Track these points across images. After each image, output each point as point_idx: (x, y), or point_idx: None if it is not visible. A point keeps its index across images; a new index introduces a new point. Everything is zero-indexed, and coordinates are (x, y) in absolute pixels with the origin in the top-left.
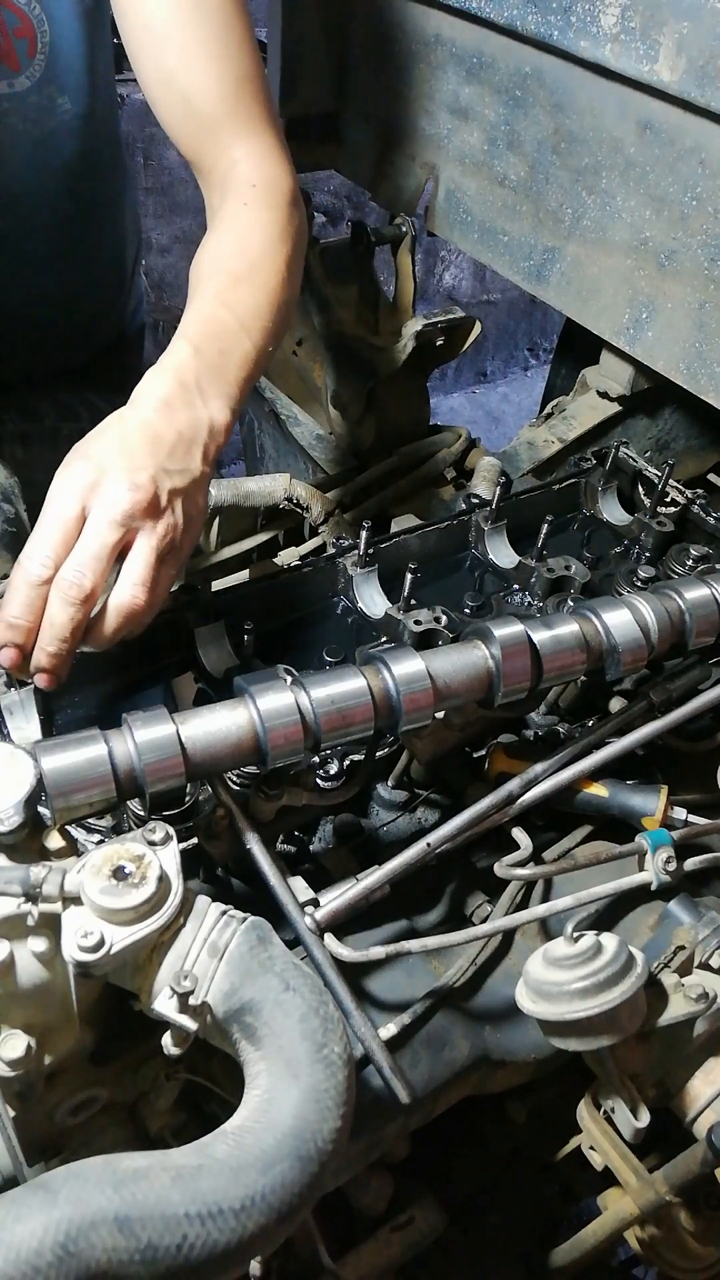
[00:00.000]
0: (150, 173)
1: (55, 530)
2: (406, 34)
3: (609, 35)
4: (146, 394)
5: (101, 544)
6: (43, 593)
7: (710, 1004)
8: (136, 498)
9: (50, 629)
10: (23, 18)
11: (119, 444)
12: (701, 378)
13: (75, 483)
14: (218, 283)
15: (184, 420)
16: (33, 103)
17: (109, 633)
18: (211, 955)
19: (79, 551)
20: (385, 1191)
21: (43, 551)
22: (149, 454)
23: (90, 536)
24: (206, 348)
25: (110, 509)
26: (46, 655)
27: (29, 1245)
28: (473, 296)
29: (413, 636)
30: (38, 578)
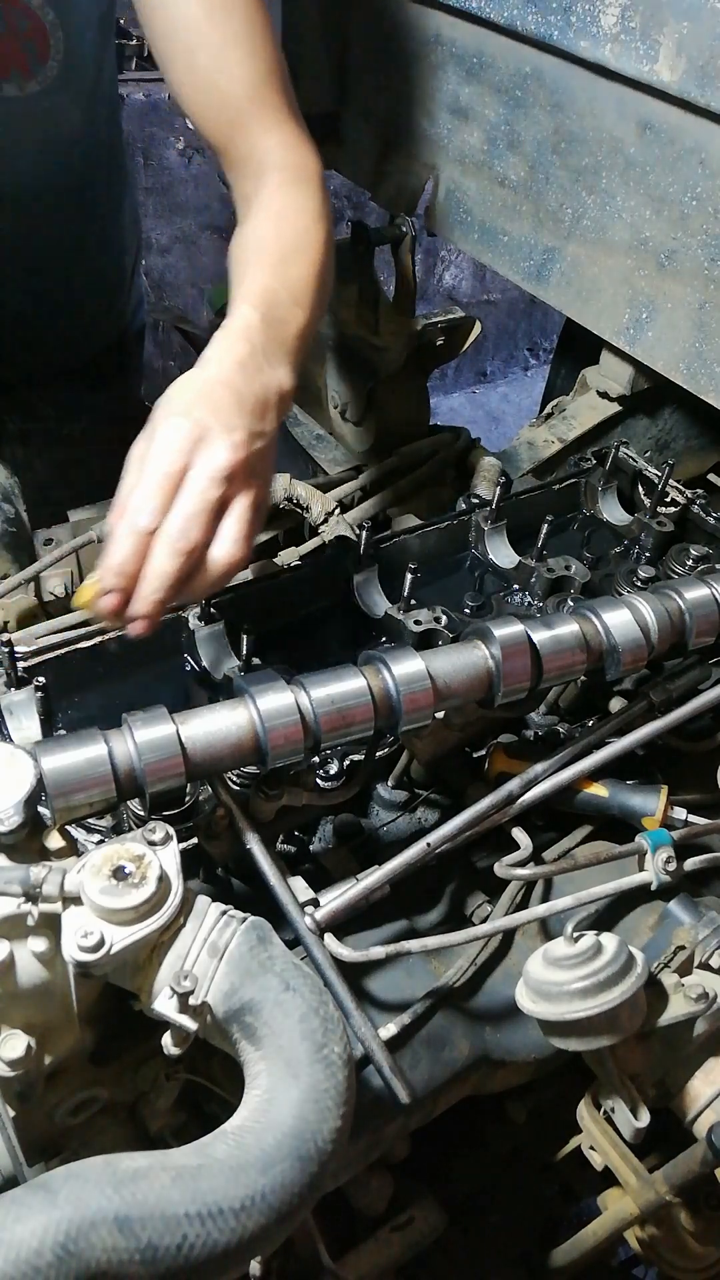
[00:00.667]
0: (150, 173)
1: (161, 483)
2: (406, 34)
3: (609, 35)
4: (222, 356)
5: (206, 500)
6: (147, 542)
7: (710, 1004)
8: (236, 456)
9: (154, 579)
10: (35, 22)
11: (212, 402)
12: (701, 378)
13: (179, 439)
14: (267, 259)
15: (258, 383)
16: (43, 108)
17: (208, 586)
18: (211, 955)
19: (185, 505)
20: (385, 1191)
21: (150, 503)
22: (238, 414)
23: (196, 492)
24: (268, 315)
25: (214, 466)
26: (147, 603)
27: (29, 1245)
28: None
29: (413, 636)
30: (144, 528)
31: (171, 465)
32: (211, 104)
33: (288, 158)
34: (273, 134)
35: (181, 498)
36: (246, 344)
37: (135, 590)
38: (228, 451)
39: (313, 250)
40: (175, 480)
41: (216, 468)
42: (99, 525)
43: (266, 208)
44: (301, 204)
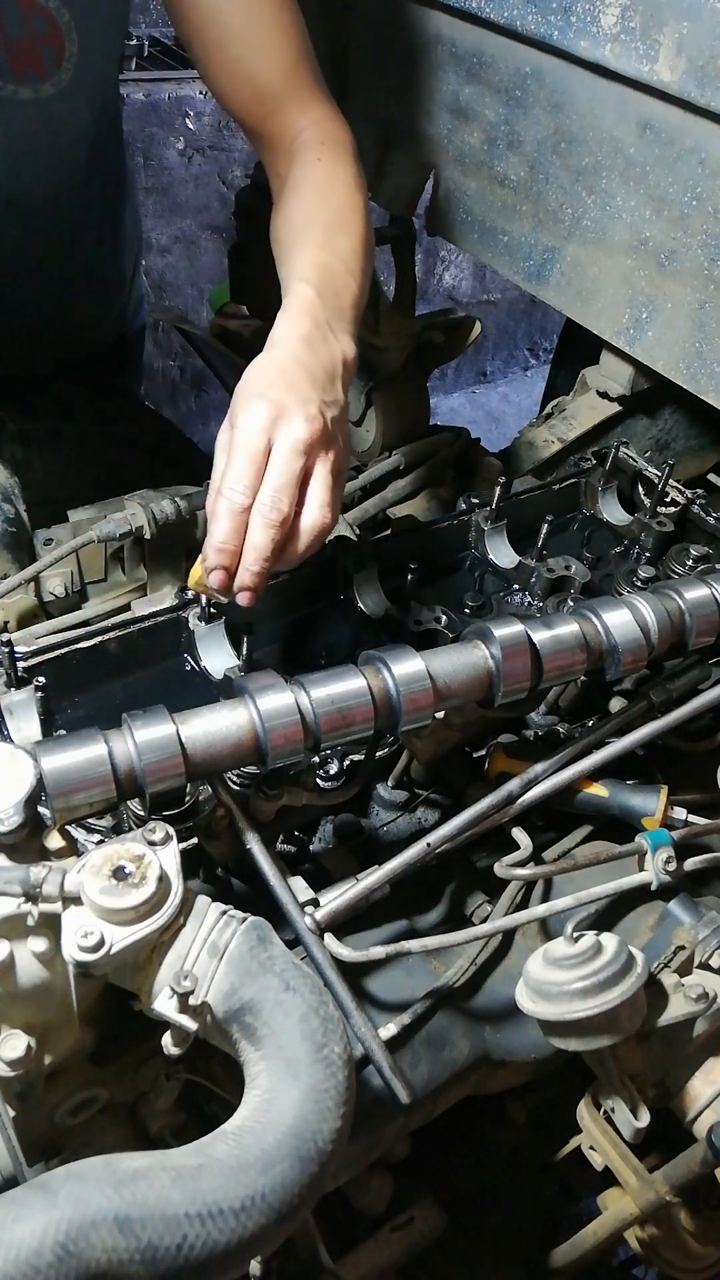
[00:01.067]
0: (150, 173)
1: (249, 463)
2: (406, 34)
3: (609, 35)
4: (288, 334)
5: (290, 472)
6: (244, 519)
7: (710, 1004)
8: (313, 428)
9: (254, 550)
10: (52, 25)
11: (285, 381)
12: (701, 378)
13: (259, 419)
14: (315, 233)
15: (325, 355)
16: (55, 110)
17: (302, 550)
18: (211, 955)
19: (272, 480)
20: (385, 1191)
21: (242, 482)
22: (310, 387)
23: (280, 466)
24: (325, 289)
25: (294, 440)
26: (251, 575)
27: (29, 1245)
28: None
29: (413, 636)
30: (240, 505)
31: (256, 444)
32: (248, 91)
33: (323, 133)
34: (307, 113)
35: (269, 473)
36: (309, 320)
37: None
38: (304, 424)
39: (356, 220)
40: (261, 458)
41: (296, 440)
42: (99, 525)
43: (308, 183)
44: (341, 176)
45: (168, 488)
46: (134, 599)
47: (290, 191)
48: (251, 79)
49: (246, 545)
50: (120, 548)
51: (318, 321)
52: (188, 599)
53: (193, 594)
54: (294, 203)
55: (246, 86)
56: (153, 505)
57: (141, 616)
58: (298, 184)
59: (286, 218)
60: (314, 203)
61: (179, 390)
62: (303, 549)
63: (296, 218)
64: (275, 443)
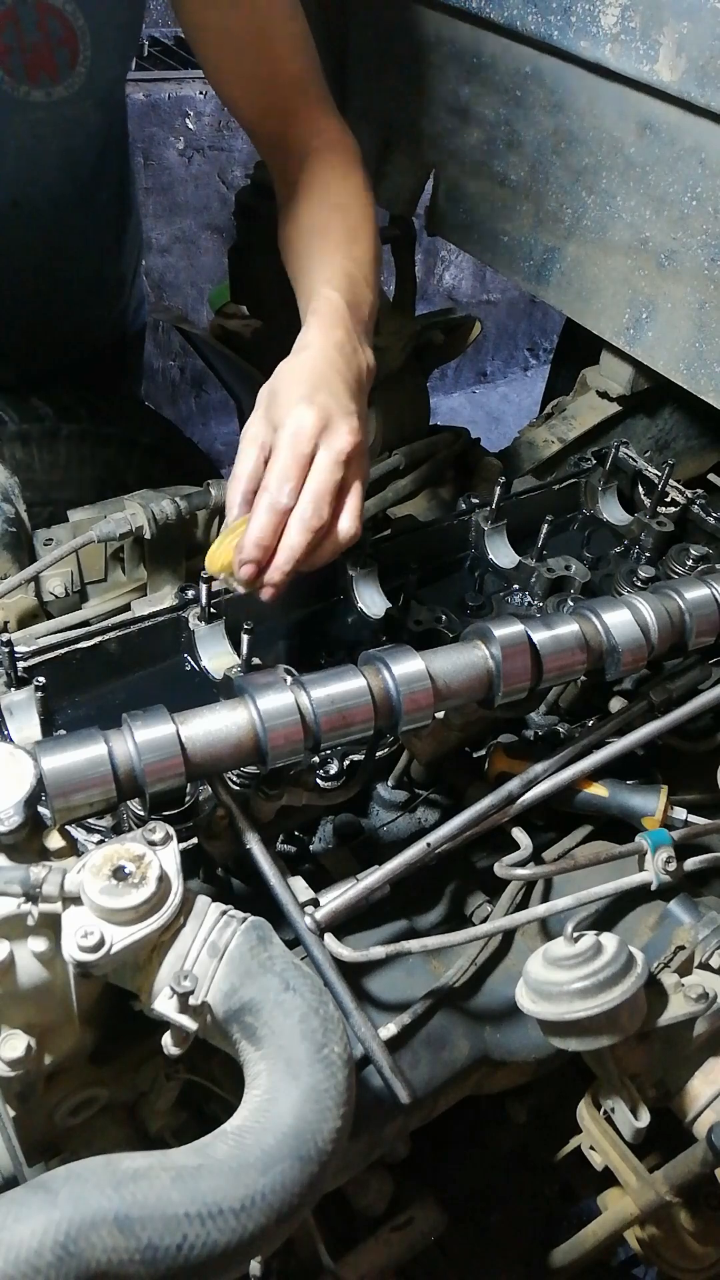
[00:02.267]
0: (150, 173)
1: (297, 465)
2: (406, 34)
3: (609, 35)
4: (323, 340)
5: (333, 481)
6: (284, 520)
7: (710, 1004)
8: (355, 440)
9: (288, 551)
10: (67, 29)
11: (328, 388)
12: (701, 378)
13: (309, 424)
14: (335, 241)
15: (355, 364)
16: (67, 113)
17: (326, 557)
18: (211, 955)
19: (316, 487)
20: (385, 1191)
21: (288, 484)
22: (350, 398)
23: (324, 474)
24: (350, 298)
25: (338, 451)
26: (280, 574)
27: (29, 1245)
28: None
29: (413, 636)
30: (284, 506)
31: (304, 449)
32: (261, 102)
33: (333, 143)
34: (317, 122)
35: (313, 480)
36: (341, 328)
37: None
38: (349, 436)
39: (368, 230)
40: (307, 462)
41: (340, 451)
42: (99, 525)
43: (321, 192)
44: (353, 187)
45: (168, 488)
46: (134, 599)
47: (303, 198)
48: (264, 92)
49: (282, 545)
50: (120, 548)
51: (348, 330)
52: (188, 599)
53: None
54: (308, 210)
55: (259, 99)
56: (153, 505)
57: (141, 616)
58: (311, 192)
59: (300, 224)
60: (329, 211)
61: (179, 390)
62: (328, 556)
63: (311, 224)
64: (320, 450)
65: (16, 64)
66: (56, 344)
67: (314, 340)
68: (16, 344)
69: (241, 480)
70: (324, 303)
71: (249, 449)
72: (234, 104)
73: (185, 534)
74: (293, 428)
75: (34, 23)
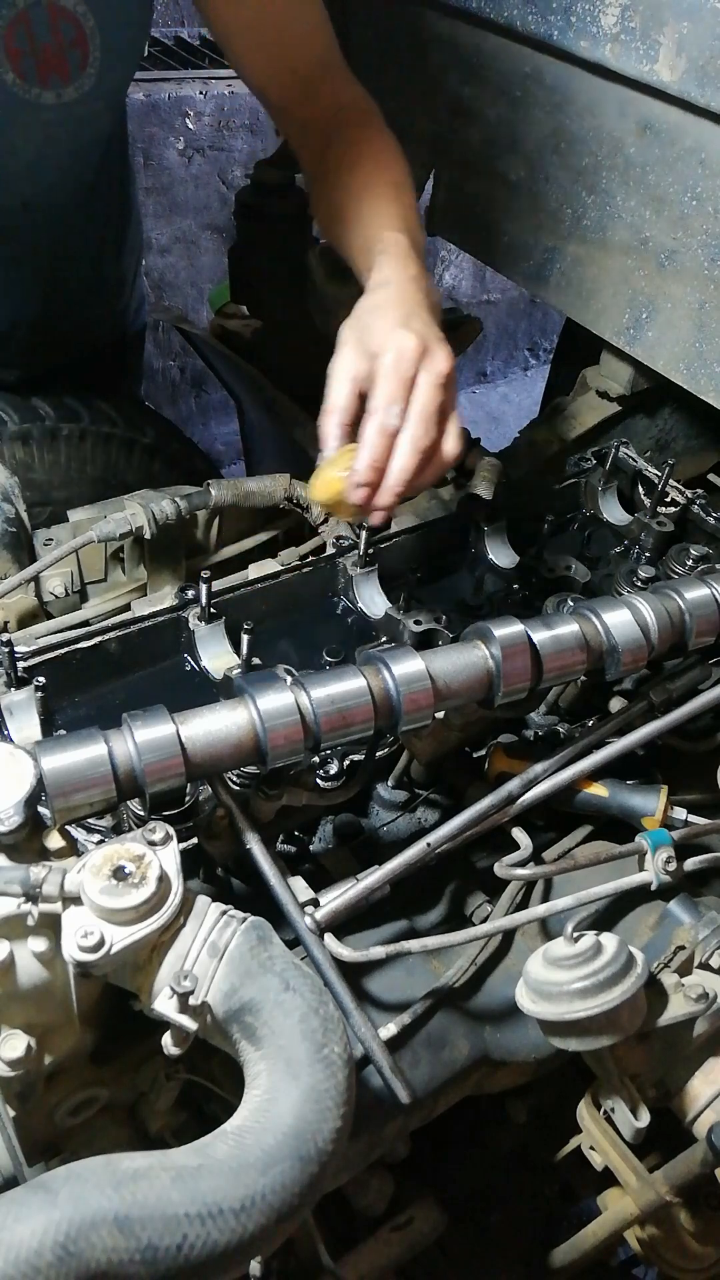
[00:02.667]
0: (150, 173)
1: (403, 388)
2: (406, 34)
3: (609, 35)
4: (400, 275)
5: (436, 403)
6: (393, 441)
7: (710, 1004)
8: (451, 364)
9: (400, 472)
10: (78, 31)
11: (420, 316)
12: (701, 378)
13: (411, 349)
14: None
15: (432, 298)
16: (76, 115)
17: (432, 477)
18: (211, 955)
19: (422, 407)
20: (385, 1191)
21: (396, 405)
22: (436, 324)
23: (428, 396)
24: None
25: (438, 374)
26: (391, 495)
27: (29, 1245)
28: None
29: (413, 636)
30: (394, 427)
31: (407, 373)
32: (289, 81)
33: (360, 110)
34: (342, 94)
35: (417, 401)
36: (415, 263)
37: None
38: (446, 359)
39: (409, 180)
40: (410, 386)
41: (440, 374)
42: (99, 525)
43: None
44: (386, 146)
45: (168, 488)
46: (134, 599)
47: (341, 165)
48: (293, 68)
49: (392, 466)
50: (120, 548)
51: (420, 266)
52: (188, 599)
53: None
54: (349, 174)
55: (287, 74)
56: (153, 505)
57: (141, 616)
58: (348, 158)
59: (344, 188)
60: (371, 168)
61: (179, 390)
62: (433, 476)
63: (355, 183)
64: (421, 373)
65: (29, 66)
66: (58, 344)
67: (392, 275)
68: (20, 344)
69: (335, 413)
70: (392, 243)
71: (342, 382)
72: (262, 91)
73: (185, 534)
74: (395, 353)
75: (46, 25)
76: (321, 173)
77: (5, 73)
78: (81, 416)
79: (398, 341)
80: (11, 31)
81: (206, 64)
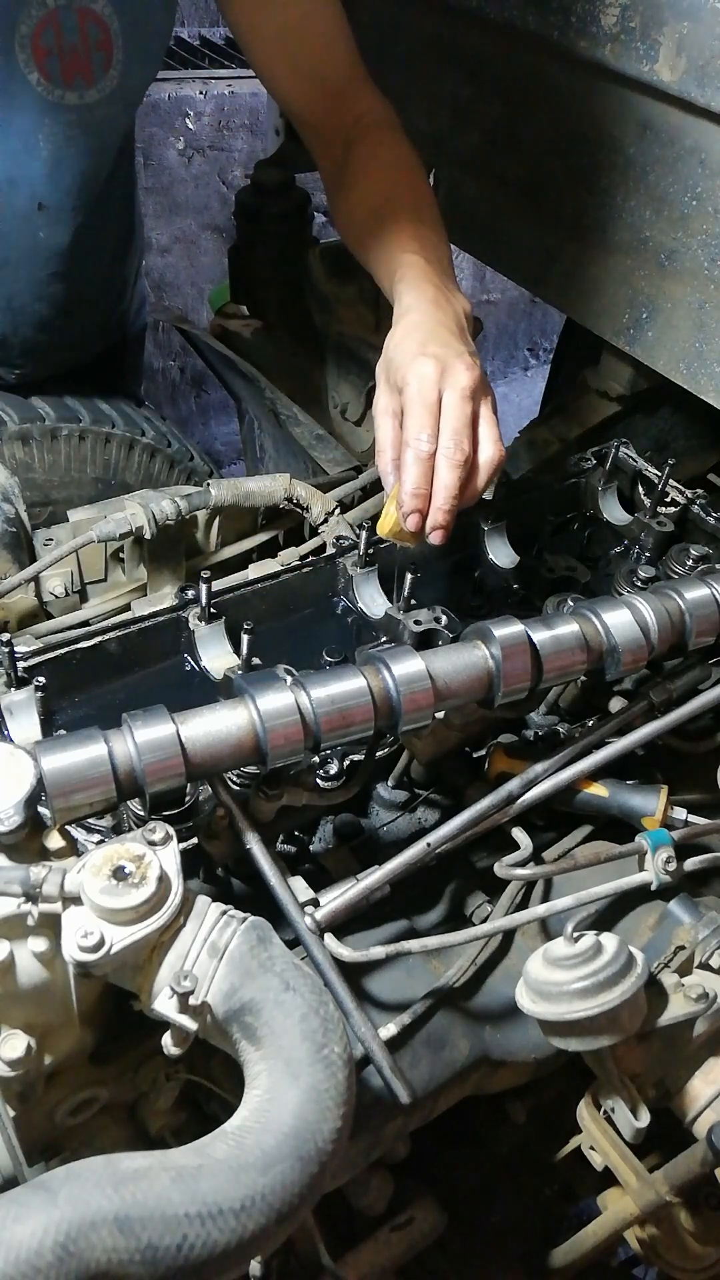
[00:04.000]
0: (150, 173)
1: (428, 413)
2: (406, 34)
3: (609, 35)
4: (418, 301)
5: (464, 415)
6: (431, 464)
7: (710, 1004)
8: (474, 375)
9: (444, 490)
10: (104, 33)
11: (436, 339)
12: (701, 378)
13: (429, 374)
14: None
15: (451, 313)
16: (97, 116)
17: (482, 485)
18: (211, 955)
19: (450, 425)
20: (385, 1191)
21: (425, 430)
22: (455, 340)
23: (454, 411)
24: (430, 256)
25: (461, 388)
26: (443, 513)
27: (29, 1245)
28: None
29: (413, 636)
30: (427, 452)
31: (430, 396)
32: (314, 91)
33: (380, 118)
34: (363, 101)
35: (445, 420)
36: (430, 285)
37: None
38: (466, 373)
39: (428, 189)
40: (437, 408)
41: (464, 388)
42: (99, 525)
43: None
44: (405, 153)
45: (168, 488)
46: (134, 599)
47: (360, 172)
48: (319, 80)
49: (436, 487)
50: (120, 548)
51: (437, 285)
52: (188, 599)
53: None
54: (370, 184)
55: (314, 87)
56: (153, 505)
57: (141, 616)
58: (368, 164)
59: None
60: (391, 178)
61: (179, 390)
62: (482, 483)
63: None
64: (445, 392)
65: (54, 67)
66: (65, 346)
67: (410, 303)
68: (24, 345)
69: (385, 450)
70: (408, 267)
71: (383, 420)
72: (286, 97)
73: (185, 534)
74: (415, 382)
75: (75, 27)
76: (341, 183)
77: (31, 73)
78: (81, 416)
79: (416, 370)
80: (40, 31)
81: (206, 64)
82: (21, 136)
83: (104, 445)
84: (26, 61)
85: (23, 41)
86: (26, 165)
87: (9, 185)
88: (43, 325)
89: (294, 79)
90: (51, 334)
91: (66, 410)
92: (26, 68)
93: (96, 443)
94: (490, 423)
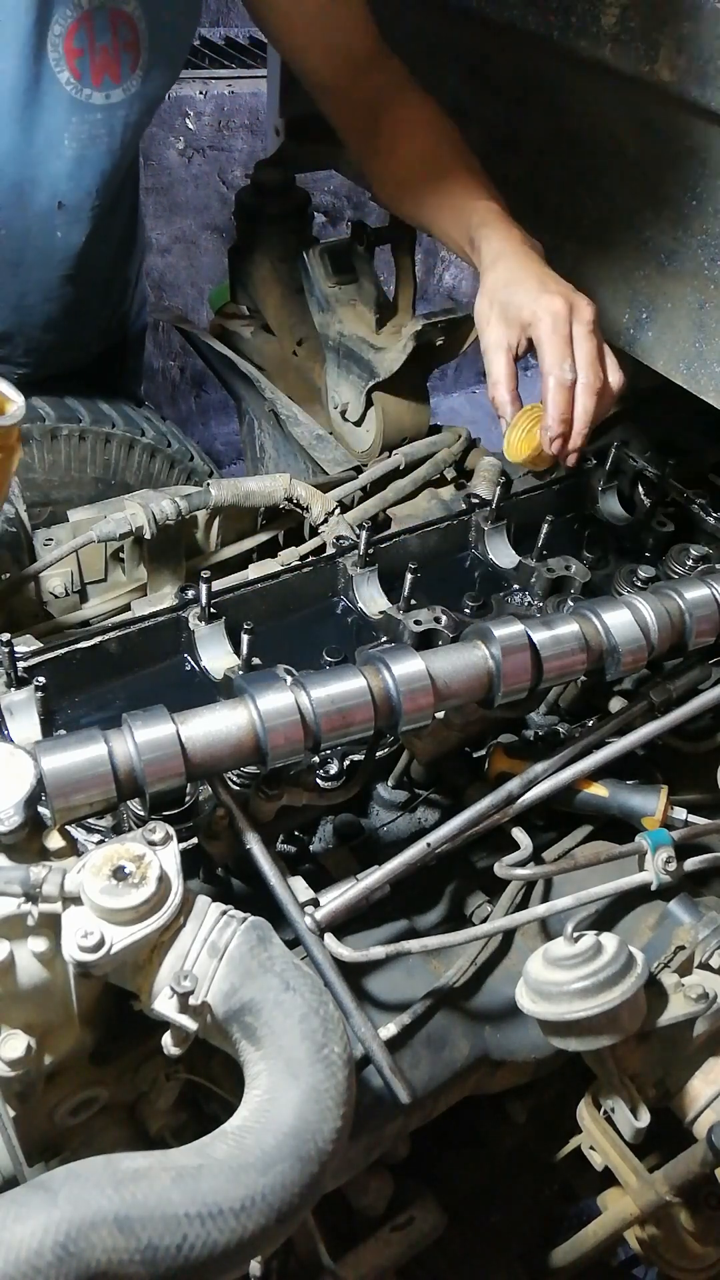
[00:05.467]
0: (150, 173)
1: (565, 346)
2: (406, 34)
3: (609, 35)
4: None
5: (595, 347)
6: (573, 392)
7: (710, 1004)
8: (596, 308)
9: (584, 415)
10: (134, 34)
11: (552, 276)
12: (701, 378)
13: (561, 310)
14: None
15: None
16: (120, 115)
17: (605, 410)
18: (211, 955)
19: (586, 355)
20: (385, 1191)
21: (565, 361)
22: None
23: (589, 345)
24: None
25: (588, 322)
26: (581, 437)
27: (29, 1245)
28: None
29: (413, 636)
30: (569, 380)
31: (564, 330)
32: (344, 63)
33: (404, 78)
34: (388, 69)
35: (580, 351)
36: (515, 228)
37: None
38: (588, 306)
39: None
40: (570, 341)
41: (589, 321)
42: (99, 525)
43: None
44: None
45: (168, 488)
46: (134, 599)
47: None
48: (345, 58)
49: (577, 411)
50: (120, 548)
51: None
52: (188, 599)
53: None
54: (413, 141)
55: (340, 65)
56: (153, 505)
57: (141, 616)
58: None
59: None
60: (436, 133)
61: (179, 390)
62: (606, 408)
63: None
64: (575, 325)
65: (84, 66)
66: (69, 346)
67: (504, 247)
68: (27, 344)
69: (502, 382)
70: (486, 213)
71: (496, 355)
72: (314, 74)
73: (185, 534)
74: (548, 317)
75: (106, 26)
76: (377, 147)
77: (61, 71)
78: (81, 416)
79: (547, 306)
80: (74, 31)
81: (206, 64)
82: (47, 135)
83: (104, 445)
84: (58, 61)
85: (55, 41)
86: (50, 164)
87: (31, 184)
88: (50, 325)
89: (324, 56)
90: (57, 334)
91: (66, 410)
92: (58, 67)
93: (96, 443)
94: (610, 353)
